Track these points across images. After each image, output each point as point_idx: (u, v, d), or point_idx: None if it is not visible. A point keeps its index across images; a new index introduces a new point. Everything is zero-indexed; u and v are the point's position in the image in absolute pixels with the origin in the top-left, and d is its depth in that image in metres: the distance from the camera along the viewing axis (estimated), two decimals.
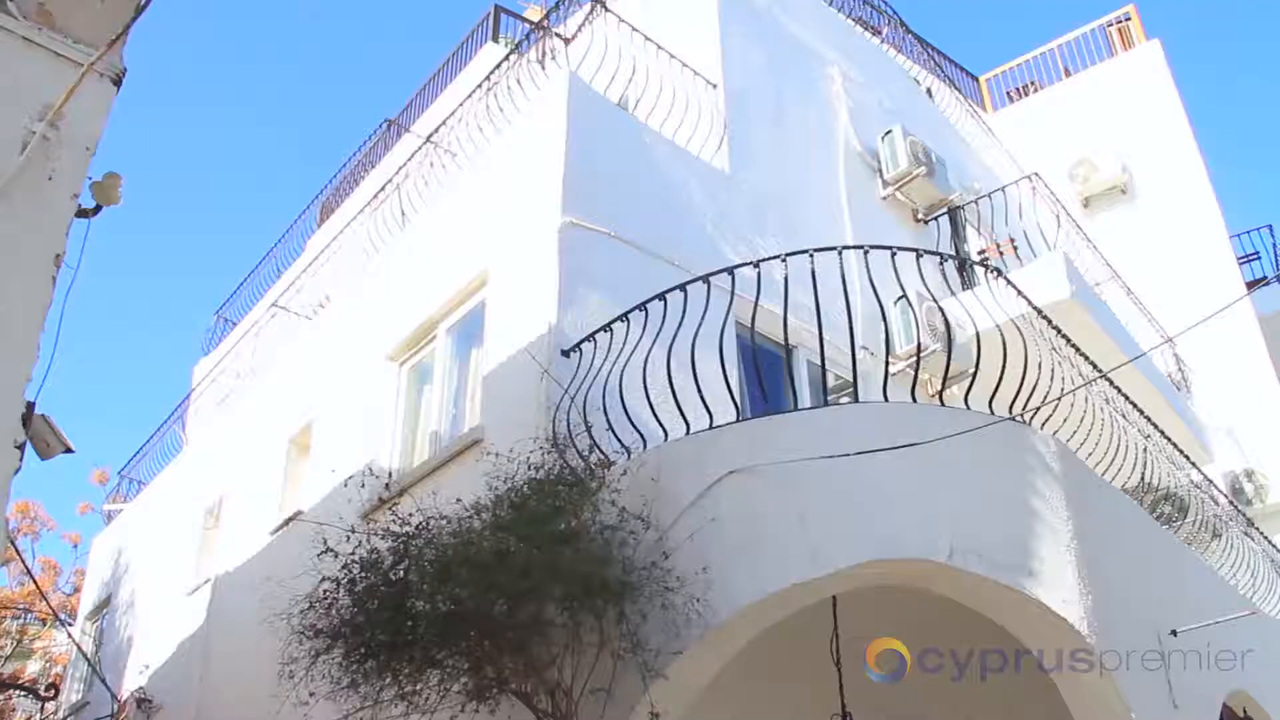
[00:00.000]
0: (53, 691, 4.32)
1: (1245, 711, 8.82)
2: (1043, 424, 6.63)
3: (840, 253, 6.62)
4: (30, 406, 3.85)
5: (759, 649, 6.39)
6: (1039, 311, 7.80)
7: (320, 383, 10.45)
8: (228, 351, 14.36)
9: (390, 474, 8.15)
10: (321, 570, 5.67)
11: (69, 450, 4.28)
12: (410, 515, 5.73)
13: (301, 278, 12.62)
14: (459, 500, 5.88)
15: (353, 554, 5.64)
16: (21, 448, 3.75)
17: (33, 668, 20.05)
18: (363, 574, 5.53)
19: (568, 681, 5.66)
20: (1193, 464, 9.76)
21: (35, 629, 19.66)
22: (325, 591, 5.60)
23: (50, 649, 19.60)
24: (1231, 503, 11.12)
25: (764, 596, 5.53)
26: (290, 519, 9.69)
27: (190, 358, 17.86)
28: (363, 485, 7.45)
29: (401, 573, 5.45)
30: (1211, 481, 10.53)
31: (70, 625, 14.97)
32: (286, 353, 11.86)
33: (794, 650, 7.11)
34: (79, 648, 12.94)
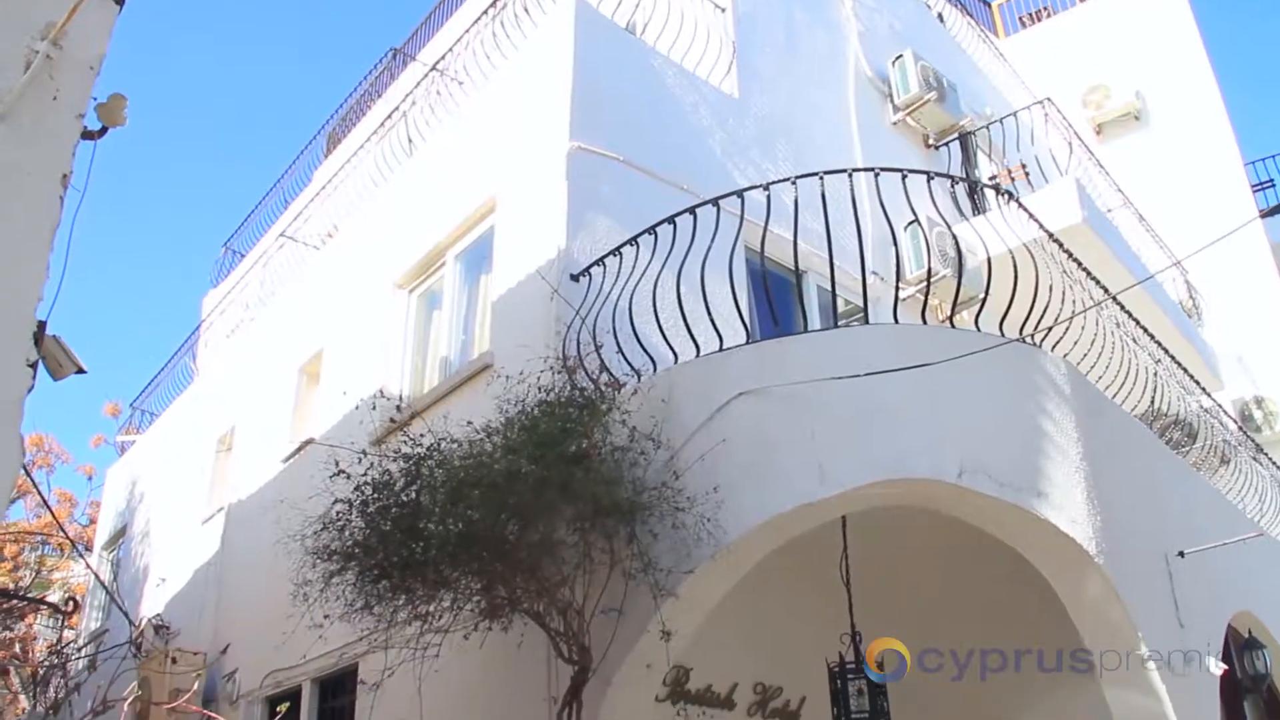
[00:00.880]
0: (72, 605, 4.36)
1: (1250, 632, 8.91)
2: (1053, 347, 6.62)
3: (850, 175, 6.57)
4: (41, 326, 3.86)
5: (769, 570, 6.44)
6: (1050, 235, 7.75)
7: (329, 312, 10.45)
8: (237, 283, 14.35)
9: (401, 400, 8.17)
10: (334, 492, 5.71)
11: (81, 371, 4.29)
12: (421, 437, 5.75)
13: (309, 208, 12.57)
14: (469, 423, 5.90)
15: (364, 475, 5.67)
16: (34, 367, 3.76)
17: (52, 598, 20.32)
18: (375, 495, 5.56)
19: (579, 601, 5.71)
20: (1203, 389, 9.75)
21: (53, 560, 19.90)
22: (338, 513, 5.64)
23: (69, 580, 19.84)
24: (1241, 428, 11.13)
25: (773, 516, 5.56)
26: (302, 446, 9.74)
27: (199, 290, 17.85)
28: (374, 407, 7.48)
29: (413, 494, 5.48)
30: (1221, 407, 10.53)
31: (87, 555, 15.13)
32: (295, 283, 11.85)
33: (804, 572, 7.17)
34: (96, 575, 13.08)
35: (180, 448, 13.76)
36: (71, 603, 4.22)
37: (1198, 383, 9.64)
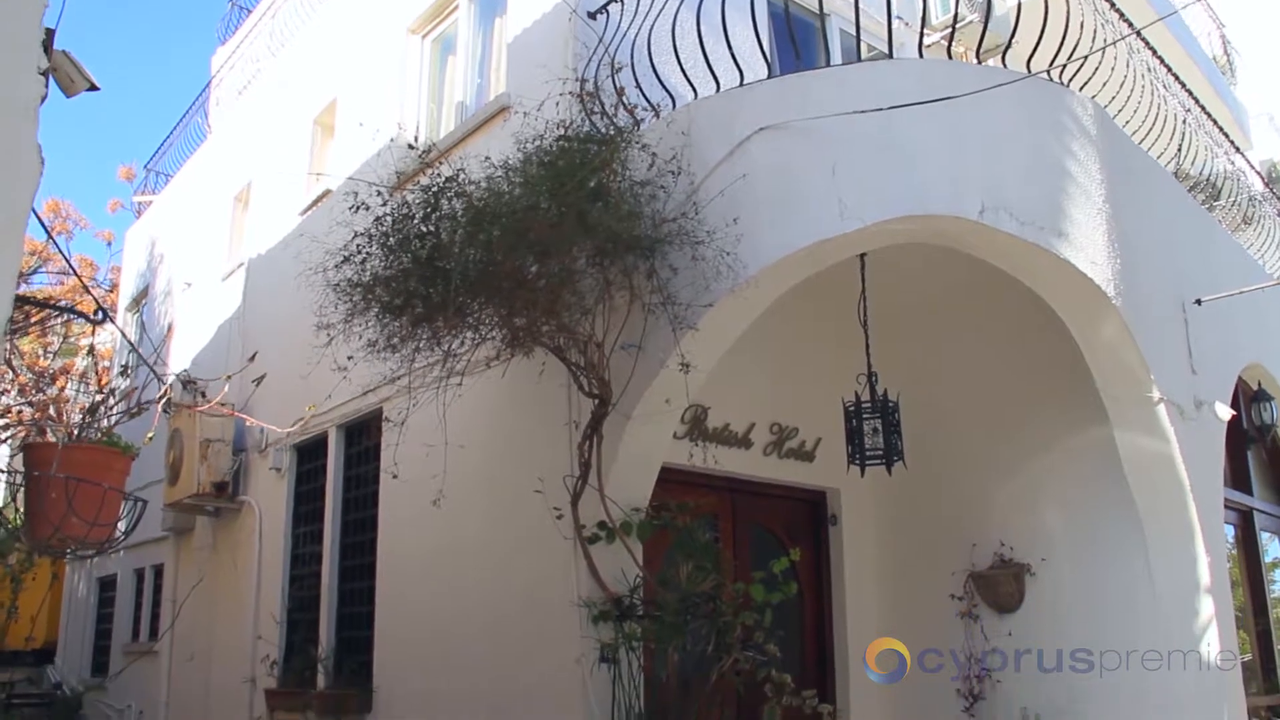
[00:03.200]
0: (101, 315, 4.43)
1: (1260, 384, 9.02)
2: (1081, 88, 6.45)
3: None
4: (50, 34, 3.75)
5: (788, 312, 6.49)
6: None
7: (341, 61, 10.23)
8: (245, 37, 14.00)
9: (417, 142, 8.08)
10: (353, 227, 5.70)
11: (94, 88, 4.21)
12: (440, 171, 5.69)
13: None
14: (487, 158, 5.84)
15: (384, 205, 5.65)
16: (46, 75, 3.68)
17: (79, 365, 20.70)
18: (395, 227, 5.54)
19: (599, 336, 5.77)
20: (1232, 144, 9.57)
21: (78, 326, 20.18)
22: (358, 246, 5.64)
23: (96, 345, 20.16)
24: (1267, 185, 10.97)
25: (793, 251, 5.53)
26: (319, 198, 9.71)
27: (207, 48, 17.43)
28: (389, 143, 7.39)
29: (432, 225, 5.46)
30: (1251, 164, 10.36)
31: (112, 315, 15.32)
32: (305, 33, 11.55)
33: (822, 314, 7.23)
34: (122, 333, 13.29)
35: (197, 206, 13.75)
36: (101, 312, 4.27)
37: (1227, 137, 9.46)
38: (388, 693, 7.64)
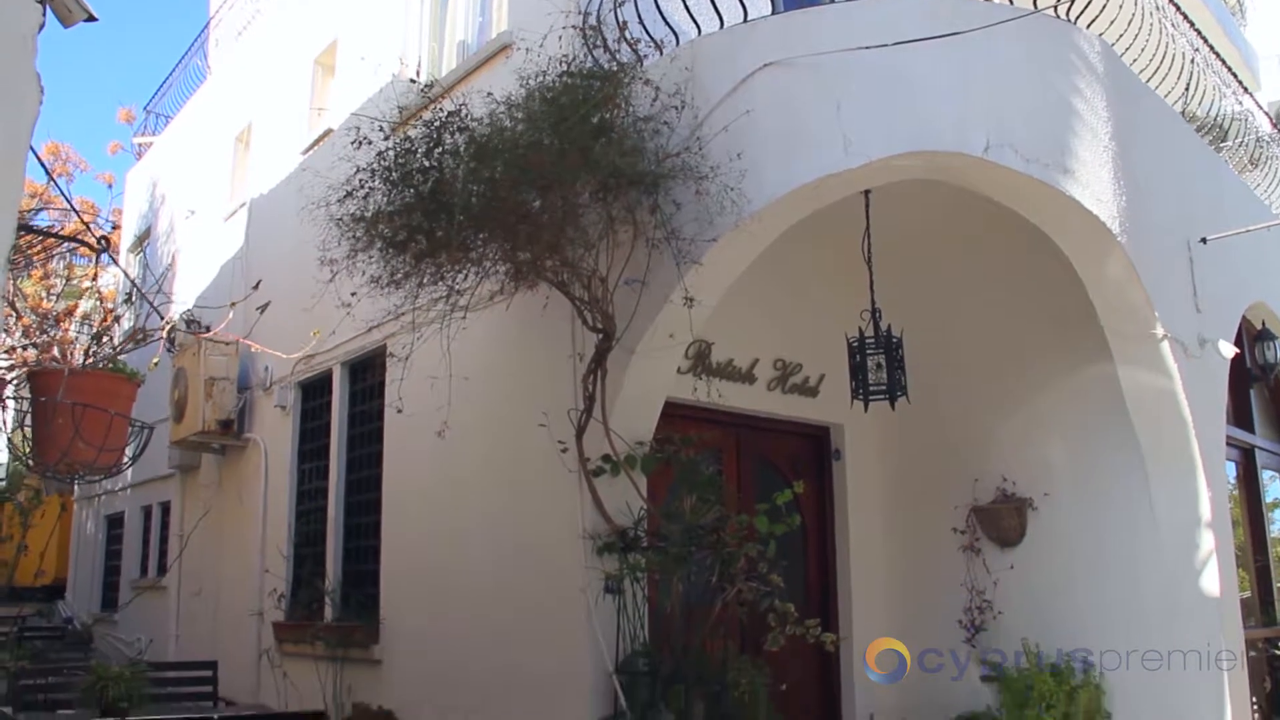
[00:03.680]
0: (104, 243, 4.44)
1: (1264, 324, 9.02)
2: (1089, 25, 6.40)
3: None
4: None
5: (792, 248, 6.49)
6: None
7: (342, 1, 10.15)
8: None
9: (419, 76, 8.04)
10: (356, 161, 5.68)
11: (91, 18, 4.17)
12: (442, 107, 5.67)
13: None
14: (489, 94, 5.81)
15: (386, 140, 5.63)
16: (43, 3, 3.66)
17: (83, 306, 20.70)
18: (398, 161, 5.53)
19: (603, 271, 5.78)
20: (1241, 85, 9.49)
21: (81, 268, 20.13)
22: (360, 181, 5.63)
23: (99, 288, 20.12)
24: (1275, 127, 10.88)
25: (797, 187, 5.52)
26: (320, 138, 9.67)
27: None
28: (391, 80, 7.35)
29: (436, 160, 5.44)
30: (1259, 105, 10.28)
31: (115, 256, 15.30)
32: None
33: (826, 251, 7.23)
34: (125, 273, 13.27)
35: (198, 147, 13.69)
36: (104, 241, 4.25)
37: (1236, 77, 9.38)
38: (394, 624, 7.74)
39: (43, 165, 5.72)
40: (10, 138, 3.35)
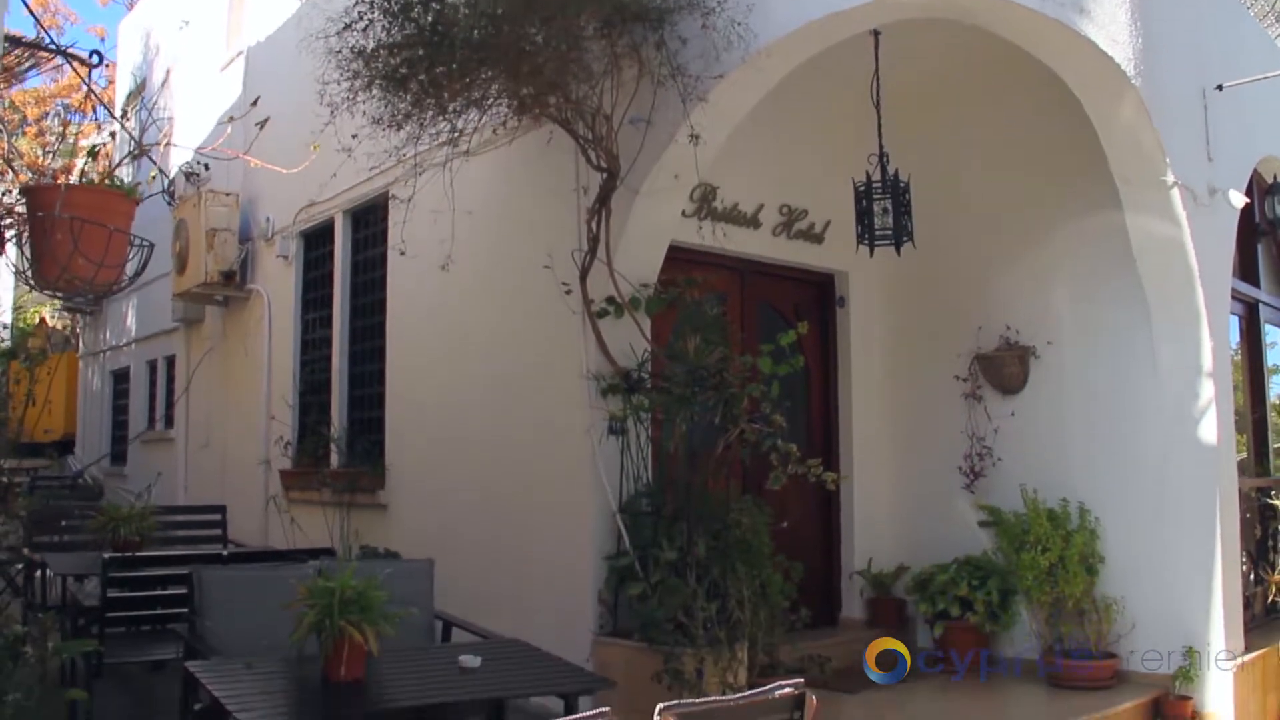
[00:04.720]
0: (97, 58, 4.34)
1: (1276, 177, 8.91)
2: None
3: None
4: None
5: (799, 92, 6.37)
6: None
7: None
8: None
9: None
10: None
11: None
12: None
13: None
14: None
15: None
16: None
17: (80, 165, 20.47)
18: None
19: (607, 108, 5.68)
20: None
21: (75, 126, 19.85)
22: (360, 13, 5.50)
23: (96, 147, 19.87)
24: None
25: (805, 24, 5.39)
26: None
27: None
28: None
29: None
30: None
31: (111, 110, 15.08)
32: None
33: (833, 96, 7.09)
34: (121, 124, 13.05)
35: None
36: (96, 55, 4.15)
37: None
38: (399, 470, 7.83)
39: (33, 15, 5.59)
40: None
